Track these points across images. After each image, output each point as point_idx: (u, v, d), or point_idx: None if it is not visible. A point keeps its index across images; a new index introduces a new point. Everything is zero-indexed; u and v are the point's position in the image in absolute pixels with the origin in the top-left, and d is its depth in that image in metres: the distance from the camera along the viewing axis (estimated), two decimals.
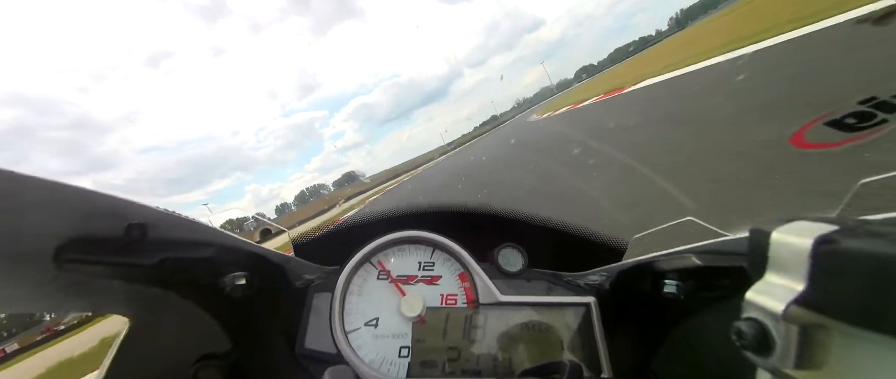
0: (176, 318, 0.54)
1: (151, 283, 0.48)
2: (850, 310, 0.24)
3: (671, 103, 5.55)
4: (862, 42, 2.80)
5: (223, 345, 0.57)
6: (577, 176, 4.48)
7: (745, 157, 2.61)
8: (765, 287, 0.29)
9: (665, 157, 3.44)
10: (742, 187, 2.37)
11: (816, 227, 0.27)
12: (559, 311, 0.63)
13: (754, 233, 0.31)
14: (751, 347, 0.28)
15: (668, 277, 0.52)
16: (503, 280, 0.65)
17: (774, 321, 0.27)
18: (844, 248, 0.24)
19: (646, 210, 2.76)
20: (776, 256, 0.29)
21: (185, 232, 0.48)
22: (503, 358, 0.59)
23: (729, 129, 3.07)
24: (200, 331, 0.55)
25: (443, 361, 0.58)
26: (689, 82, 6.98)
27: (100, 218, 0.40)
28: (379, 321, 0.62)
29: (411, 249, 0.68)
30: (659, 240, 0.62)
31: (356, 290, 0.64)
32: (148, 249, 0.45)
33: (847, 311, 0.24)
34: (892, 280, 0.22)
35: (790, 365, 0.27)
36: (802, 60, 3.16)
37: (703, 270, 0.48)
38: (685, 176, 2.90)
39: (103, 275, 0.44)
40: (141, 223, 0.43)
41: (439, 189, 11.01)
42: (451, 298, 0.64)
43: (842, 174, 1.89)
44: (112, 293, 0.47)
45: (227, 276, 0.54)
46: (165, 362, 0.54)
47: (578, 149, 5.54)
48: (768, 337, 0.28)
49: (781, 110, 2.80)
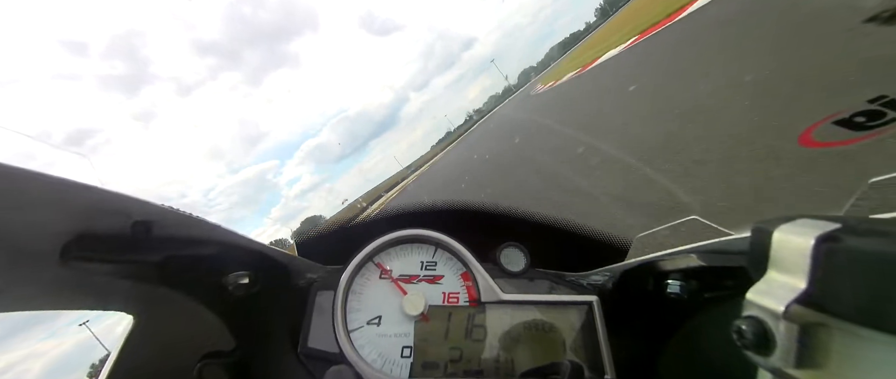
0: (180, 316, 0.54)
1: (156, 281, 0.48)
2: (852, 308, 0.24)
3: (667, 85, 5.47)
4: (871, 40, 2.77)
5: (227, 343, 0.57)
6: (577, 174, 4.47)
7: (752, 155, 2.59)
8: (766, 286, 0.29)
9: (669, 153, 3.42)
10: (749, 186, 2.35)
11: (818, 224, 0.27)
12: (562, 310, 0.62)
13: (756, 231, 0.31)
14: (751, 347, 0.28)
15: (671, 277, 0.52)
16: (505, 279, 0.65)
17: (775, 320, 0.27)
18: (846, 246, 0.24)
19: (649, 208, 2.75)
20: (777, 254, 0.29)
21: (191, 230, 0.49)
22: (505, 358, 0.59)
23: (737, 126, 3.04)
24: (204, 329, 0.56)
25: (445, 362, 0.58)
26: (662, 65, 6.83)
27: (105, 215, 0.41)
28: (382, 320, 0.62)
29: (413, 247, 0.68)
30: (664, 239, 0.61)
31: (359, 289, 0.64)
32: (153, 246, 0.45)
33: (849, 309, 0.24)
34: (894, 278, 0.22)
35: (791, 364, 0.26)
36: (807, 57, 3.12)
37: (707, 270, 0.48)
38: (689, 172, 2.88)
39: (108, 273, 0.44)
40: (146, 221, 0.43)
41: (442, 187, 11.05)
42: (454, 297, 0.64)
43: (850, 174, 1.87)
44: (116, 291, 0.48)
45: (232, 274, 0.54)
46: (169, 360, 0.55)
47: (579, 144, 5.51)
48: (769, 336, 0.27)
49: (789, 108, 2.77)
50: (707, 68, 4.85)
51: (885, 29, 2.75)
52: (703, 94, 4.22)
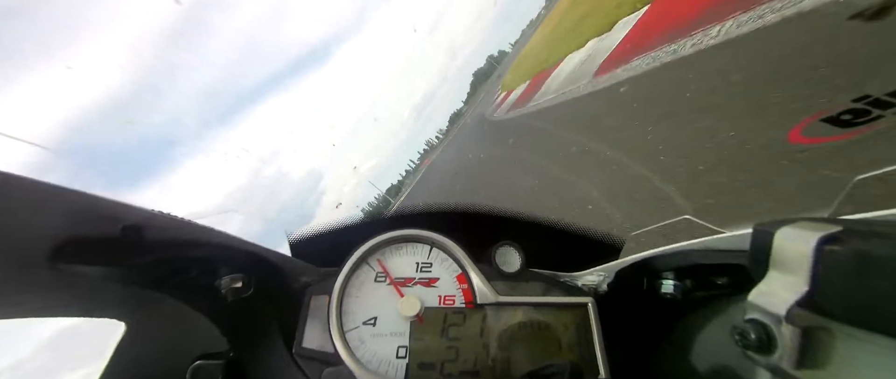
0: (172, 320, 0.54)
1: (147, 285, 0.47)
2: (853, 312, 0.24)
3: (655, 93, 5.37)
4: (855, 38, 2.81)
5: (220, 345, 0.57)
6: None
7: (743, 151, 2.62)
8: (767, 288, 0.29)
9: (661, 154, 3.45)
10: (740, 182, 2.38)
11: (819, 227, 0.27)
12: (557, 311, 0.63)
13: (757, 232, 0.31)
14: (753, 348, 0.28)
15: (665, 276, 0.53)
16: (501, 281, 0.65)
17: (777, 323, 0.27)
18: (847, 249, 0.24)
19: (642, 206, 2.77)
20: (779, 256, 0.29)
21: (181, 233, 0.48)
22: (501, 359, 0.59)
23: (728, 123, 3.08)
24: (197, 332, 0.55)
25: (441, 363, 0.58)
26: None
27: (94, 220, 0.40)
28: (377, 321, 0.61)
29: (408, 248, 0.68)
30: (656, 238, 0.62)
31: (354, 291, 0.64)
32: (143, 251, 0.44)
33: (850, 313, 0.24)
34: (894, 281, 0.22)
35: (792, 366, 0.27)
36: (795, 55, 3.17)
37: (701, 268, 0.48)
38: (680, 172, 2.91)
39: (98, 278, 0.43)
40: (136, 225, 0.43)
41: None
42: (449, 299, 0.64)
43: (837, 170, 1.90)
44: (107, 296, 0.47)
45: (225, 277, 0.53)
46: (162, 365, 0.54)
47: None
48: (771, 338, 0.28)
49: (778, 105, 2.82)
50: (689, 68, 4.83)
51: (869, 26, 2.80)
52: (696, 92, 4.25)
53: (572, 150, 5.16)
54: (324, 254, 0.67)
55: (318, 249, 0.68)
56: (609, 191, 3.53)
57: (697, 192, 2.62)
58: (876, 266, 0.22)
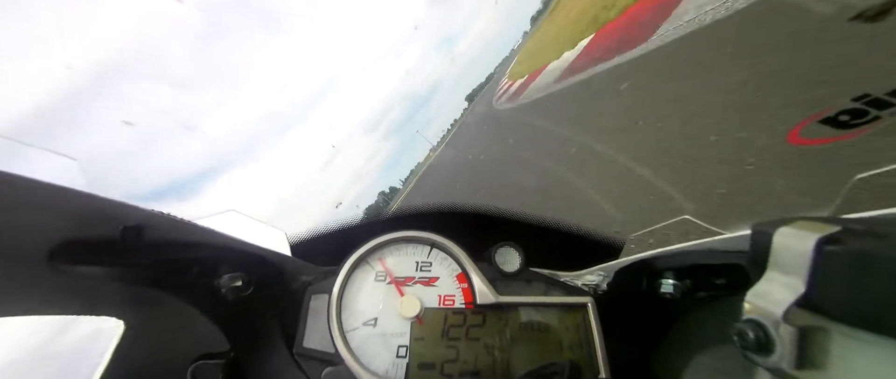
0: (172, 319, 0.54)
1: (147, 285, 0.47)
2: (851, 312, 0.24)
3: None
4: (855, 38, 2.82)
5: (220, 345, 0.57)
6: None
7: (742, 152, 2.62)
8: (765, 288, 0.29)
9: (660, 154, 3.45)
10: (739, 183, 2.38)
11: (818, 227, 0.27)
12: (557, 311, 0.63)
13: (756, 233, 0.31)
14: (751, 348, 0.29)
15: (665, 276, 0.53)
16: (501, 281, 0.65)
17: (775, 323, 0.27)
18: (846, 250, 0.24)
19: (641, 207, 2.77)
20: (777, 256, 0.29)
21: (181, 233, 0.48)
22: (501, 359, 0.59)
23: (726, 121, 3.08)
24: (197, 332, 0.55)
25: (441, 363, 0.58)
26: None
27: (95, 220, 0.40)
28: (377, 321, 0.61)
29: (408, 248, 0.68)
30: (656, 239, 0.62)
31: (354, 290, 0.64)
32: (143, 251, 0.44)
33: (848, 313, 0.24)
34: (892, 281, 0.22)
35: (791, 365, 0.27)
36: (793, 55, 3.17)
37: (700, 268, 0.48)
38: (679, 172, 2.91)
39: (98, 277, 0.43)
40: (137, 225, 0.43)
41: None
42: (449, 299, 0.64)
43: (837, 170, 1.90)
44: (107, 296, 0.47)
45: (224, 276, 0.53)
46: (162, 364, 0.54)
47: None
48: (769, 338, 0.28)
49: (776, 107, 2.82)
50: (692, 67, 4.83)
51: (869, 26, 2.80)
52: (694, 92, 4.25)
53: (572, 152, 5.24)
54: (324, 254, 0.67)
55: (319, 249, 0.68)
56: (606, 189, 3.53)
57: (697, 193, 2.62)
58: (874, 266, 0.22)
